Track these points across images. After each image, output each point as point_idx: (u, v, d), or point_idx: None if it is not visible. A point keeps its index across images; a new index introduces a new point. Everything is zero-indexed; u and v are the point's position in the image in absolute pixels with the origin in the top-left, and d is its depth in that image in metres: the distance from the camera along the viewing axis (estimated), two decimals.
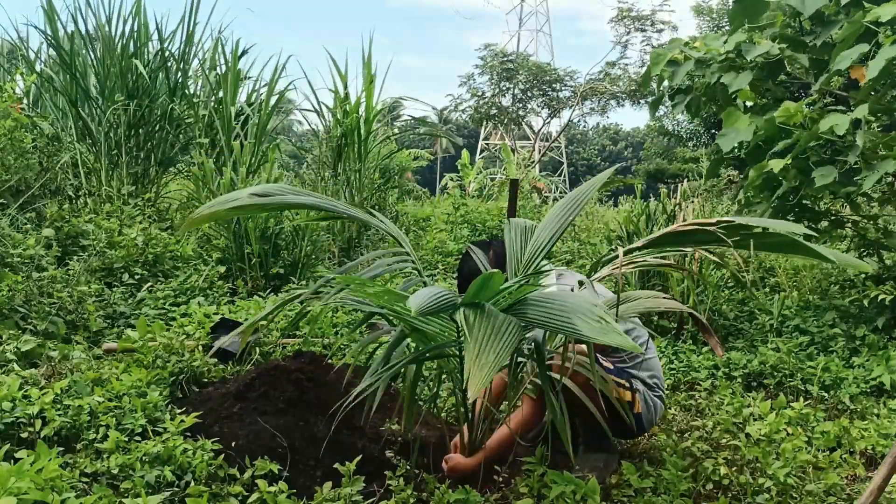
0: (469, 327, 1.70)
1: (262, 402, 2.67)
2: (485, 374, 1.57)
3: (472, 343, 1.64)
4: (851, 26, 3.65)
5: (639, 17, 20.08)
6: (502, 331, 1.69)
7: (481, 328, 1.70)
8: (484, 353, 1.62)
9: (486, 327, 1.70)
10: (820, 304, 4.91)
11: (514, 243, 2.51)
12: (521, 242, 2.50)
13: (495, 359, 1.61)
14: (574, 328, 1.70)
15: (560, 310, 1.78)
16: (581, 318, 1.70)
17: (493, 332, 1.69)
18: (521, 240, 2.51)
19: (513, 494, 2.27)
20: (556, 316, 1.77)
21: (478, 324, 1.71)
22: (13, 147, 4.97)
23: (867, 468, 2.81)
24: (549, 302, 1.85)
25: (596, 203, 12.80)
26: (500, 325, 1.71)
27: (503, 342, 1.66)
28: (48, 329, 3.59)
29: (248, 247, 5.26)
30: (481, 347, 1.64)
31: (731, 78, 4.11)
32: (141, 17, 6.76)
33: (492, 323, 1.72)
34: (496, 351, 1.63)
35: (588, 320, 1.69)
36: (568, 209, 2.44)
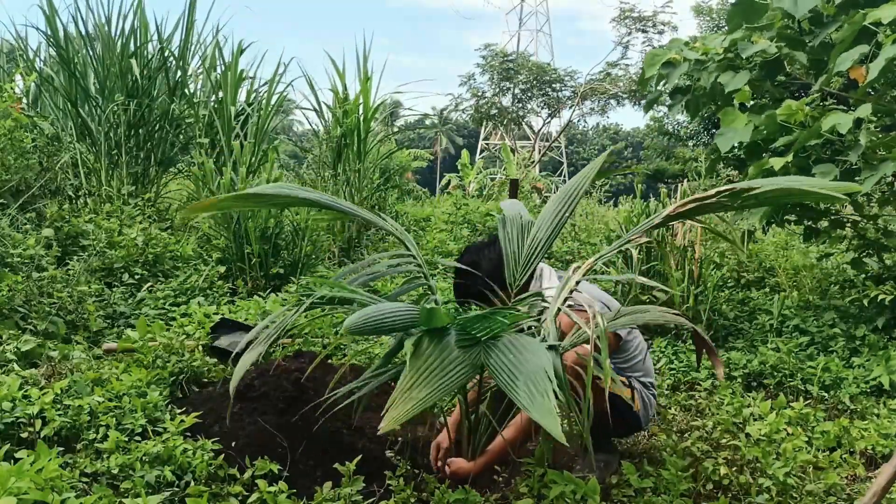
0: (415, 355, 1.59)
1: (262, 402, 2.67)
2: (407, 409, 1.47)
3: (410, 372, 1.54)
4: (850, 27, 3.65)
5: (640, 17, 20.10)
6: (448, 369, 1.58)
7: (427, 360, 1.59)
8: (417, 387, 1.52)
9: (433, 360, 1.59)
10: (820, 304, 4.91)
11: (512, 242, 2.43)
12: (519, 240, 2.42)
13: (427, 396, 1.51)
14: (516, 393, 1.57)
15: (514, 366, 1.64)
16: (526, 385, 1.56)
17: (439, 368, 1.58)
18: (519, 237, 2.43)
19: (513, 494, 2.27)
20: (507, 372, 1.63)
21: (426, 355, 1.60)
22: (13, 147, 4.97)
23: (867, 468, 2.81)
24: (513, 351, 1.70)
25: (596, 203, 12.80)
26: (450, 363, 1.60)
27: (444, 381, 1.55)
28: (48, 329, 3.59)
29: (248, 247, 5.26)
30: (416, 381, 1.53)
31: (729, 77, 4.11)
32: (140, 16, 6.76)
33: (443, 357, 1.61)
34: (432, 387, 1.53)
35: (531, 389, 1.55)
36: (564, 203, 2.36)
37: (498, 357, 1.69)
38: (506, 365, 1.66)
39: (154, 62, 6.86)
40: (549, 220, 2.38)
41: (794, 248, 6.97)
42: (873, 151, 3.77)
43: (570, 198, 2.38)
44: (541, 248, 2.37)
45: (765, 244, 7.03)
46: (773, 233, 7.64)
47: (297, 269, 5.45)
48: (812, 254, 6.28)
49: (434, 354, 1.61)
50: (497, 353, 1.70)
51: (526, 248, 2.41)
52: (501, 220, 2.53)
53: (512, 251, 2.43)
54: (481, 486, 2.31)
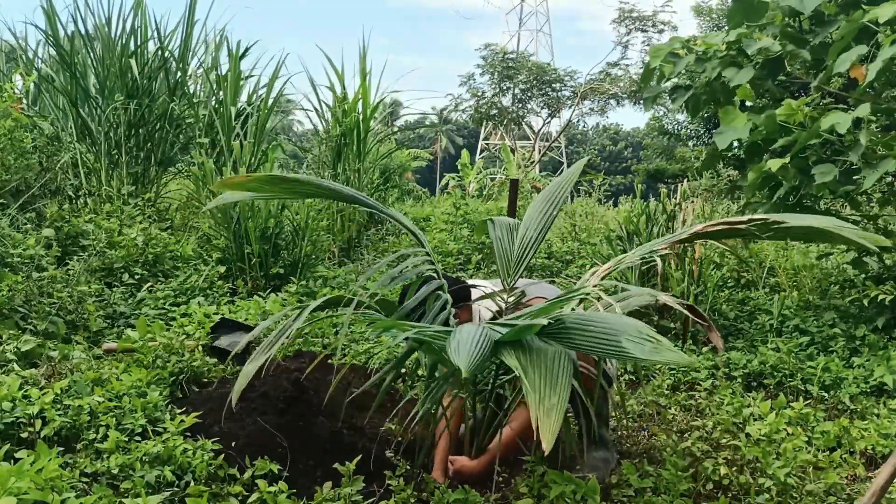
0: (524, 373, 1.62)
1: (262, 402, 2.67)
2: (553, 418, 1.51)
3: (532, 390, 1.57)
4: (849, 25, 3.65)
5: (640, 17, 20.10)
6: (556, 367, 1.63)
7: (536, 371, 1.62)
8: (546, 398, 1.56)
9: (540, 368, 1.63)
10: (820, 304, 4.91)
11: (503, 241, 2.50)
12: (509, 240, 2.51)
13: (558, 400, 1.55)
14: (625, 351, 1.65)
15: (606, 333, 1.72)
16: (630, 341, 1.65)
17: (548, 371, 1.62)
18: (509, 238, 2.52)
19: (513, 494, 2.27)
20: (603, 340, 1.72)
21: (531, 366, 1.64)
22: (13, 147, 4.97)
23: (867, 468, 2.81)
24: (592, 324, 1.79)
25: (595, 203, 12.79)
26: (553, 362, 1.65)
27: (560, 379, 1.60)
28: (48, 329, 3.59)
29: (248, 247, 5.26)
30: (542, 393, 1.57)
31: (733, 73, 4.11)
32: (141, 16, 6.76)
33: (544, 361, 1.65)
34: (556, 391, 1.57)
35: (638, 341, 1.64)
36: (549, 203, 2.46)
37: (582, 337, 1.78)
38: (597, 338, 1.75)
39: (154, 62, 6.86)
40: (536, 220, 2.46)
41: (794, 248, 6.96)
42: (873, 151, 3.76)
43: (556, 198, 2.48)
44: (531, 246, 2.44)
45: (765, 244, 7.03)
46: None
47: (297, 269, 5.45)
48: (812, 254, 6.28)
49: (537, 363, 1.66)
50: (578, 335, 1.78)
51: (517, 247, 2.49)
52: (491, 222, 2.62)
53: (504, 248, 2.48)
54: (483, 485, 2.31)
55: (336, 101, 7.56)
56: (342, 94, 7.58)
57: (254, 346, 3.60)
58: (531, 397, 1.57)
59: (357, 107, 7.51)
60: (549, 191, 2.55)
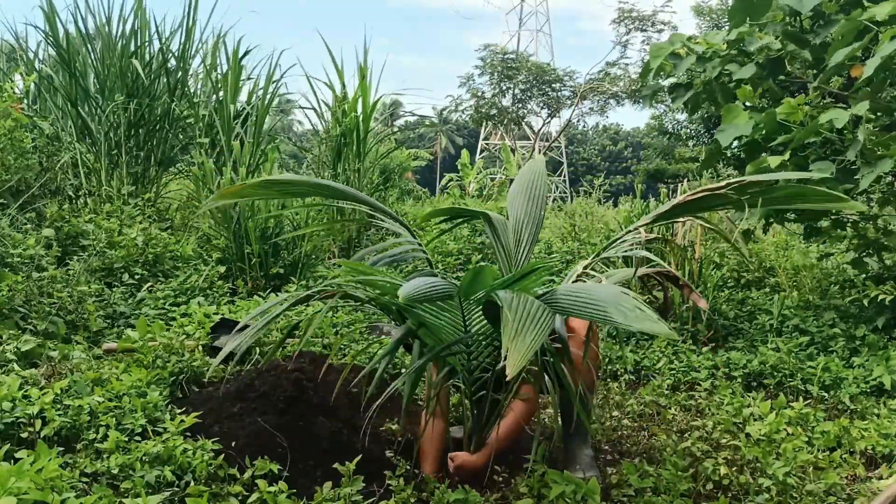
0: (508, 308, 1.72)
1: (262, 402, 2.67)
2: (521, 356, 1.59)
3: (512, 323, 1.66)
4: (849, 23, 3.65)
5: (640, 17, 20.12)
6: (537, 316, 1.71)
7: (517, 311, 1.71)
8: (520, 336, 1.64)
9: (521, 311, 1.71)
10: (820, 304, 4.91)
11: (503, 240, 2.57)
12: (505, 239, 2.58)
13: (531, 342, 1.63)
14: (609, 316, 1.72)
15: (593, 300, 1.80)
16: (616, 308, 1.72)
17: (529, 317, 1.70)
18: (504, 236, 2.58)
19: (513, 494, 2.27)
20: (590, 305, 1.80)
21: (514, 307, 1.73)
22: (13, 147, 4.97)
23: (867, 468, 2.81)
24: (580, 292, 1.87)
25: (595, 203, 12.78)
26: (535, 311, 1.73)
27: (538, 327, 1.68)
28: (48, 329, 3.59)
29: (248, 247, 5.26)
30: (518, 329, 1.66)
31: (735, 68, 4.11)
32: (141, 16, 6.76)
33: (527, 308, 1.74)
34: (531, 335, 1.65)
35: (623, 309, 1.70)
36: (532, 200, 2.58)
37: (569, 301, 1.85)
38: (584, 302, 1.82)
39: (154, 62, 6.86)
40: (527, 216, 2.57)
41: (794, 248, 6.97)
42: (872, 150, 3.76)
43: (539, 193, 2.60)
44: (529, 242, 2.54)
45: (765, 244, 7.03)
46: (773, 233, 7.64)
47: (297, 269, 5.45)
48: (812, 254, 6.28)
49: (520, 307, 1.74)
50: (566, 299, 1.86)
51: (513, 243, 2.57)
52: (488, 219, 2.65)
53: (504, 248, 2.54)
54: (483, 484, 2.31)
55: (336, 101, 7.56)
56: (342, 94, 7.58)
57: (253, 346, 3.61)
58: (508, 331, 1.65)
59: (357, 107, 7.51)
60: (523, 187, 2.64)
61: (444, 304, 2.10)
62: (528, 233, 2.54)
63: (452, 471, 2.36)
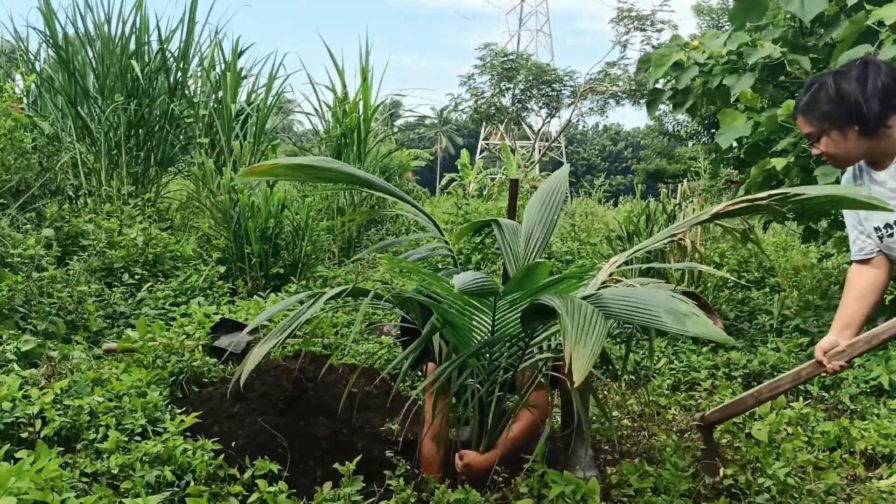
0: (566, 314, 1.68)
1: (262, 402, 2.67)
2: (584, 362, 1.56)
3: (571, 329, 1.62)
4: (852, 26, 3.65)
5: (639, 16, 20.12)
6: (593, 322, 1.67)
7: (575, 317, 1.67)
8: (581, 342, 1.60)
9: (579, 317, 1.68)
10: (820, 304, 4.91)
11: (511, 244, 2.57)
12: (515, 243, 2.60)
13: (592, 348, 1.59)
14: (663, 322, 1.69)
15: (644, 304, 1.76)
16: (669, 313, 1.69)
17: (587, 323, 1.67)
18: (513, 240, 2.60)
19: (513, 494, 2.27)
20: (641, 310, 1.76)
21: (571, 312, 1.69)
22: (13, 147, 4.97)
23: (867, 468, 2.81)
24: (629, 297, 1.84)
25: (595, 203, 12.80)
26: (591, 316, 1.69)
27: (596, 333, 1.64)
28: (48, 329, 3.59)
29: (248, 247, 5.26)
30: (578, 335, 1.62)
31: (733, 81, 4.11)
32: (141, 15, 6.76)
33: (583, 313, 1.70)
34: (592, 341, 1.61)
35: (677, 314, 1.67)
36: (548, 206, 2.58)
37: (619, 306, 1.81)
38: (634, 306, 1.78)
39: (154, 62, 6.86)
40: (539, 222, 2.56)
41: (794, 248, 6.97)
42: None
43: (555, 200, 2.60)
44: (538, 247, 2.52)
45: (765, 244, 7.03)
46: (773, 233, 7.65)
47: (297, 269, 5.45)
48: (812, 254, 6.28)
49: (576, 313, 1.70)
50: (615, 304, 1.83)
51: (523, 247, 2.56)
52: (497, 225, 2.68)
53: (513, 252, 2.51)
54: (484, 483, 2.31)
55: (336, 102, 7.56)
56: (343, 94, 7.58)
57: (253, 346, 3.61)
58: (569, 338, 1.61)
59: (358, 108, 7.51)
60: (543, 194, 2.65)
61: (476, 303, 2.07)
62: (538, 237, 2.53)
63: (460, 469, 2.34)
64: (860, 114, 2.11)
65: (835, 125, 2.16)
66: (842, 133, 2.16)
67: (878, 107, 2.10)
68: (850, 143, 2.17)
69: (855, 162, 2.28)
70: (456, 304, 2.09)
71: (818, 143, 2.23)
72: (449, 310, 2.10)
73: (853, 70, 2.15)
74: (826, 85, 2.17)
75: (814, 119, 2.20)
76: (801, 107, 2.24)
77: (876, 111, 2.10)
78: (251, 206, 5.29)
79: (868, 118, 2.11)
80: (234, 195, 5.36)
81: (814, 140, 2.24)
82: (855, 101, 2.11)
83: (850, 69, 2.16)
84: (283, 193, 5.62)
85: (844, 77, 2.15)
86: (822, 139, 2.21)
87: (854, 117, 2.13)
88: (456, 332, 2.21)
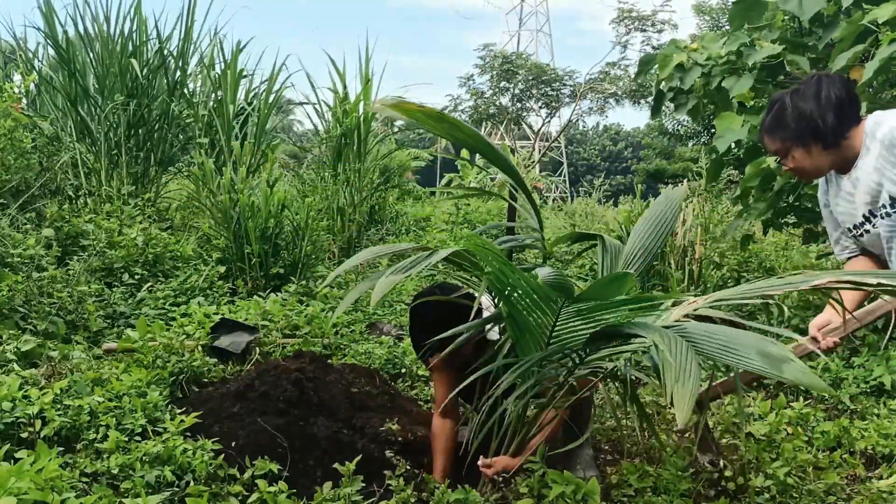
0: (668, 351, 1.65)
1: (262, 402, 2.67)
2: (686, 404, 1.54)
3: (675, 369, 1.60)
4: (850, 26, 3.65)
5: (639, 17, 20.12)
6: (689, 361, 1.64)
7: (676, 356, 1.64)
8: (680, 382, 1.58)
9: (678, 356, 1.64)
10: (820, 304, 4.91)
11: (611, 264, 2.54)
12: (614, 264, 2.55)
13: (690, 391, 1.57)
14: (752, 363, 1.66)
15: (734, 344, 1.73)
16: (761, 355, 1.66)
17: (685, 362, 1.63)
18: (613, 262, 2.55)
19: (513, 494, 2.27)
20: (730, 350, 1.72)
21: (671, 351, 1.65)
22: (13, 147, 4.97)
23: (867, 468, 2.81)
24: (717, 335, 1.80)
25: (595, 203, 12.80)
26: (686, 355, 1.66)
27: (692, 374, 1.61)
28: (48, 329, 3.59)
29: (248, 247, 5.26)
30: (678, 375, 1.60)
31: (733, 82, 4.11)
32: (140, 15, 6.76)
33: (681, 351, 1.66)
34: (689, 383, 1.58)
35: (769, 357, 1.64)
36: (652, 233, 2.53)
37: (708, 344, 1.77)
38: (723, 345, 1.75)
39: (153, 61, 6.85)
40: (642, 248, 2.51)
41: (793, 248, 6.97)
42: None
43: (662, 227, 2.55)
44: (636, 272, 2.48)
45: (765, 244, 7.03)
46: (772, 233, 7.65)
47: (297, 269, 5.45)
48: (812, 254, 6.28)
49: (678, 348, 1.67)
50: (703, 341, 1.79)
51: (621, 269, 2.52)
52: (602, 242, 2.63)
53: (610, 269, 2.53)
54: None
55: (337, 102, 7.56)
56: (343, 95, 7.58)
57: (253, 346, 3.62)
58: (670, 377, 1.59)
59: (358, 108, 7.51)
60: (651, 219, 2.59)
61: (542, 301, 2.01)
62: (639, 263, 2.48)
63: (490, 475, 2.32)
64: (818, 129, 2.19)
65: (798, 143, 2.25)
66: (805, 150, 2.25)
67: (834, 121, 2.18)
68: (815, 158, 2.26)
69: (825, 174, 2.37)
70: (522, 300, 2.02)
71: (786, 159, 2.31)
72: (516, 304, 2.04)
73: (808, 87, 2.22)
74: (785, 104, 2.25)
75: (777, 138, 2.29)
76: (765, 126, 2.32)
77: (833, 125, 2.18)
78: (251, 206, 5.29)
79: (826, 133, 2.19)
80: (234, 195, 5.36)
81: (781, 157, 2.33)
82: (812, 119, 2.19)
83: (805, 86, 2.24)
84: (283, 193, 5.62)
85: (801, 95, 2.23)
86: (788, 156, 2.30)
87: (814, 134, 2.21)
88: (515, 325, 2.15)
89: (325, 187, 7.41)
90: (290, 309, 4.17)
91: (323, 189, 7.38)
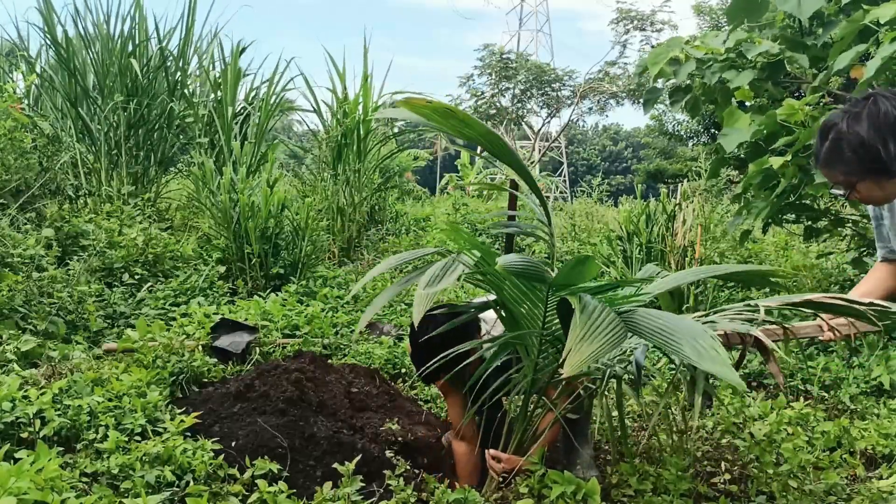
0: (580, 311, 1.68)
1: (261, 402, 2.67)
2: (581, 360, 1.57)
3: (581, 327, 1.63)
4: (850, 25, 3.65)
5: (638, 17, 20.13)
6: (609, 327, 1.68)
7: (591, 316, 1.68)
8: (586, 341, 1.61)
9: (595, 318, 1.68)
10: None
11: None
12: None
13: (596, 350, 1.61)
14: (680, 349, 1.68)
15: (669, 329, 1.75)
16: (690, 344, 1.67)
17: (601, 326, 1.67)
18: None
19: (513, 494, 2.26)
20: (665, 334, 1.75)
21: (589, 311, 1.69)
22: (13, 147, 4.97)
23: (867, 468, 2.81)
24: (658, 319, 1.81)
25: (595, 203, 12.79)
26: (609, 322, 1.69)
27: (606, 339, 1.65)
28: (48, 329, 3.59)
29: (248, 247, 5.26)
30: (585, 334, 1.63)
31: (733, 75, 4.10)
32: (139, 15, 6.76)
33: (602, 316, 1.70)
34: (598, 344, 1.62)
35: (698, 347, 1.66)
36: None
37: (646, 323, 1.80)
38: (658, 328, 1.77)
39: (153, 62, 6.85)
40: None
41: (794, 247, 6.97)
42: None
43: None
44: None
45: (765, 244, 7.03)
46: (772, 233, 7.64)
47: (297, 269, 5.45)
48: (812, 253, 6.28)
49: (593, 313, 1.70)
50: (644, 321, 1.82)
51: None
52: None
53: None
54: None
55: (337, 102, 7.56)
56: (343, 95, 7.58)
57: (253, 346, 3.62)
58: (574, 332, 1.62)
59: (358, 108, 7.51)
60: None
61: (529, 291, 2.02)
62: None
63: (500, 471, 2.32)
64: (880, 160, 1.96)
65: (863, 176, 2.03)
66: (872, 182, 2.03)
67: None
68: (884, 188, 2.05)
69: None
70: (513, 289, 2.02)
71: (850, 191, 2.09)
72: (508, 292, 2.05)
73: (863, 109, 1.99)
74: (842, 132, 2.01)
75: (839, 173, 2.06)
76: (821, 159, 2.09)
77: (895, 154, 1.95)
78: (251, 206, 5.29)
79: (891, 162, 1.96)
80: (234, 195, 5.36)
81: (845, 189, 2.10)
82: (872, 148, 1.95)
83: (860, 108, 2.00)
84: (282, 193, 5.62)
85: (857, 120, 1.99)
86: (853, 189, 2.08)
87: (878, 165, 1.97)
88: (510, 315, 2.16)
89: (324, 187, 7.41)
90: (290, 309, 4.17)
91: (323, 189, 7.38)
